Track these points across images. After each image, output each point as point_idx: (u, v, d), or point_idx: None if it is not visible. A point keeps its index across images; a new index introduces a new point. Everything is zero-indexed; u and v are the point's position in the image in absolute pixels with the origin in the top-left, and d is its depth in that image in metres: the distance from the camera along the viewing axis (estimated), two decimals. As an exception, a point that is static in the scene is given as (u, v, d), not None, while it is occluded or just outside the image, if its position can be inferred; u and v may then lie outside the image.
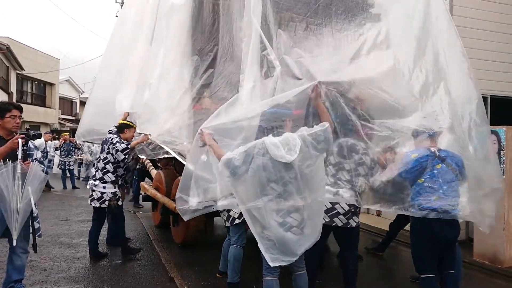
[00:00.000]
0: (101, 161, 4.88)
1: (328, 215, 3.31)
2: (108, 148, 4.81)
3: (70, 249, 5.38)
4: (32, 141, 3.61)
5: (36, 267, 4.56)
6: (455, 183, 3.13)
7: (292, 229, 2.84)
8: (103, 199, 4.78)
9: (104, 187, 4.78)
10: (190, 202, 3.21)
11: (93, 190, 4.83)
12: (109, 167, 4.80)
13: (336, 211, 3.32)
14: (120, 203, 4.94)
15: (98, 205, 4.80)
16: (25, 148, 3.37)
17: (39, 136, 3.83)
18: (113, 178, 4.82)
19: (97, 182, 4.81)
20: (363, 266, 4.61)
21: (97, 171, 4.88)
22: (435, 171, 3.09)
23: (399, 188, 3.18)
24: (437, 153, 3.15)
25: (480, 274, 4.79)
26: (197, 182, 3.24)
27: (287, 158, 2.73)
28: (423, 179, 3.10)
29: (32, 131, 3.82)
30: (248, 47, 3.44)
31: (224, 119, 3.20)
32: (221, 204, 3.25)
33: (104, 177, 4.79)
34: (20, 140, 3.26)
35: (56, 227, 6.73)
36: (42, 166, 3.63)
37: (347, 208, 3.33)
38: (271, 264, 2.87)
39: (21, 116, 3.55)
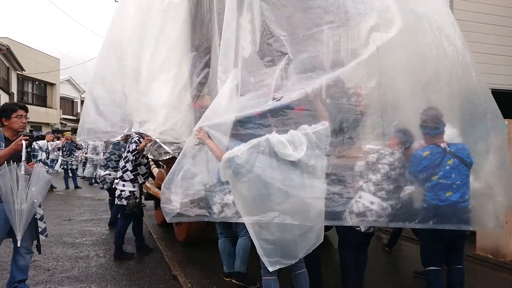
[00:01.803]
0: (122, 160, 5.08)
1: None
2: (128, 147, 4.99)
3: (73, 249, 5.40)
4: (36, 142, 3.65)
5: (40, 267, 4.57)
6: (467, 176, 3.12)
7: (296, 232, 2.72)
8: (121, 197, 4.92)
9: (123, 185, 4.92)
10: (173, 202, 3.07)
11: (116, 189, 5.04)
12: (129, 165, 4.93)
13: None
14: (137, 201, 5.04)
15: (118, 202, 4.98)
16: (29, 149, 3.42)
17: (43, 138, 3.87)
18: (132, 177, 4.93)
19: (117, 181, 5.01)
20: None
21: (119, 169, 5.08)
22: (448, 167, 3.08)
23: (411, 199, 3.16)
24: (448, 149, 3.14)
25: (483, 268, 4.80)
26: (183, 181, 3.11)
27: (295, 156, 2.62)
28: (437, 176, 3.08)
29: (35, 133, 3.85)
30: (228, 32, 3.36)
31: (222, 117, 3.04)
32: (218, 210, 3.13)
33: (123, 175, 4.94)
34: (23, 142, 3.29)
35: (59, 227, 6.75)
36: (47, 167, 3.67)
37: None
38: (270, 269, 2.79)
39: (26, 116, 3.59)
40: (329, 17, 3.39)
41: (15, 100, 20.68)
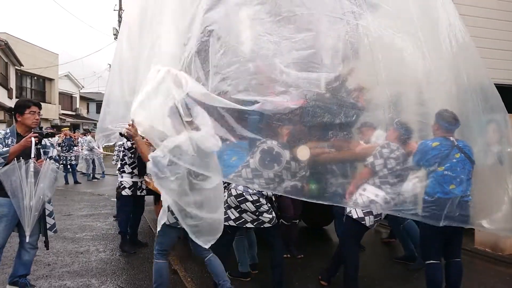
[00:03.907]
0: (120, 153, 5.32)
1: (376, 219, 3.50)
2: (123, 143, 5.10)
3: (73, 244, 5.42)
4: (49, 139, 3.65)
5: (40, 261, 4.58)
6: (470, 172, 3.16)
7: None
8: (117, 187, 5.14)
9: (122, 176, 5.09)
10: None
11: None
12: (126, 159, 5.06)
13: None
14: (124, 193, 5.02)
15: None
16: (38, 146, 3.42)
17: (53, 135, 3.84)
18: (118, 166, 5.17)
19: (117, 173, 5.23)
20: (364, 256, 4.63)
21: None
22: (455, 160, 3.11)
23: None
24: (455, 143, 3.17)
25: (481, 261, 4.82)
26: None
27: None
28: (443, 167, 3.11)
29: (45, 129, 3.85)
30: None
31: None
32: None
33: (123, 168, 5.11)
34: (33, 139, 3.29)
35: (59, 222, 6.71)
36: (57, 164, 3.68)
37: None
38: (207, 246, 3.05)
39: (39, 112, 3.59)
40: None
41: (14, 96, 20.62)
